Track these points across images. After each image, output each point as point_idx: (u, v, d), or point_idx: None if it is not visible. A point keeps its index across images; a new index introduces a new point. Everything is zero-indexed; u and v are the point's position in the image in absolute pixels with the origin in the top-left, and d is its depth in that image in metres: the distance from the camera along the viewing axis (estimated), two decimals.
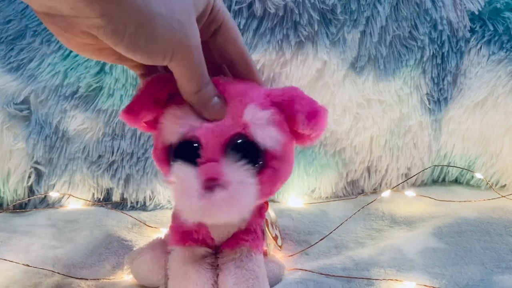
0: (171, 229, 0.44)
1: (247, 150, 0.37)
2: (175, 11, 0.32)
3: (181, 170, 0.36)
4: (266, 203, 0.46)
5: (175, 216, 0.44)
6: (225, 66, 0.42)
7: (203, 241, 0.42)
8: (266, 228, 0.46)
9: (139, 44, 0.31)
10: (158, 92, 0.38)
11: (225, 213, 0.34)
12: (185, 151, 0.37)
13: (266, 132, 0.37)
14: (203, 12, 0.35)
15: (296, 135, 0.40)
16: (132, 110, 0.38)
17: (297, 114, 0.37)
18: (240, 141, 0.37)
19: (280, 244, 0.50)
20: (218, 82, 0.39)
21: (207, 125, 0.37)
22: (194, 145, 0.37)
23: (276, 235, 0.49)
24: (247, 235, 0.42)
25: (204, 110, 0.37)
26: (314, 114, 0.38)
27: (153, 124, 0.40)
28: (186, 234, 0.42)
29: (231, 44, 0.39)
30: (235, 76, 0.41)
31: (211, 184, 0.34)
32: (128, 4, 0.29)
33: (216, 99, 0.37)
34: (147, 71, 0.40)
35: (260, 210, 0.44)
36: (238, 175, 0.35)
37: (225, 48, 0.39)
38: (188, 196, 0.34)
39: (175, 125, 0.37)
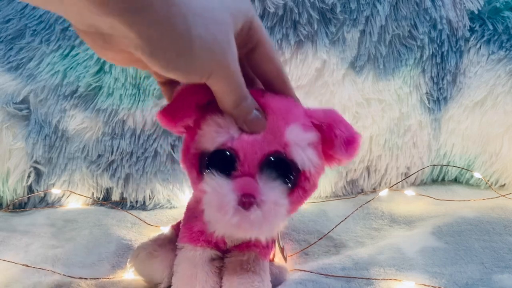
0: (183, 225, 0.43)
1: (283, 169, 0.37)
2: (214, 33, 0.32)
3: (217, 182, 0.35)
4: None
5: (189, 214, 0.43)
6: (254, 77, 0.41)
7: (215, 244, 0.42)
8: (277, 240, 0.47)
9: (177, 67, 0.31)
10: (199, 97, 0.37)
11: (256, 231, 0.34)
12: (221, 161, 0.37)
13: (306, 154, 0.37)
14: (241, 28, 0.35)
15: (326, 156, 0.39)
16: (173, 114, 0.37)
17: (336, 139, 0.38)
18: (278, 159, 0.36)
19: (286, 256, 0.50)
20: (259, 95, 0.38)
21: (246, 138, 0.36)
22: (231, 156, 0.36)
23: (283, 246, 0.49)
24: (259, 243, 0.42)
25: (243, 123, 0.36)
26: (352, 141, 0.38)
27: (188, 127, 0.39)
28: (200, 233, 0.42)
29: (268, 62, 0.39)
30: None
31: (246, 201, 0.34)
32: (168, 29, 0.29)
33: (255, 112, 0.37)
34: (169, 80, 0.39)
35: None
36: (274, 195, 0.35)
37: (261, 66, 0.39)
38: (222, 211, 0.34)
39: (215, 133, 0.36)
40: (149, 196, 0.65)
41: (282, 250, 0.49)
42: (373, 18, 0.64)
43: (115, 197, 0.65)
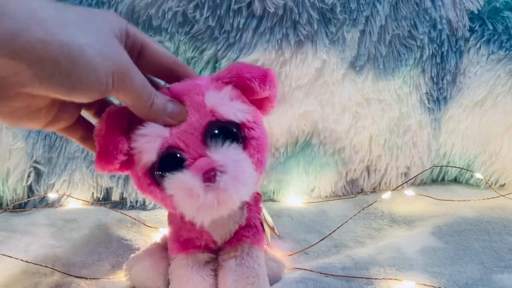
0: (170, 239, 0.43)
1: (226, 131, 0.37)
2: (101, 39, 0.31)
3: (176, 178, 0.35)
4: (259, 195, 0.46)
5: (172, 226, 0.43)
6: (156, 80, 0.42)
7: (205, 246, 0.42)
8: (264, 220, 0.46)
9: (79, 79, 0.30)
10: (119, 121, 0.38)
11: (234, 194, 0.34)
12: (169, 162, 0.37)
13: (233, 108, 0.38)
14: (120, 37, 0.35)
15: (257, 104, 0.40)
16: (109, 151, 0.37)
17: (251, 81, 0.38)
18: (215, 126, 0.37)
19: (277, 233, 0.50)
20: (165, 91, 0.39)
21: (176, 130, 0.37)
22: (174, 153, 0.37)
23: (273, 225, 0.49)
24: (248, 231, 0.42)
25: (166, 118, 0.37)
26: (265, 75, 0.39)
27: (125, 163, 0.38)
28: (187, 242, 0.42)
29: (161, 57, 0.39)
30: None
31: (210, 175, 0.34)
32: (53, 44, 0.28)
33: (170, 104, 0.37)
34: (85, 132, 0.39)
35: (256, 203, 0.44)
36: (230, 155, 0.36)
37: (156, 63, 0.39)
38: (194, 197, 0.34)
39: (147, 144, 0.37)
40: None
41: (272, 228, 0.49)
42: (373, 18, 0.64)
43: (115, 197, 0.65)
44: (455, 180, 0.75)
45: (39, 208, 0.64)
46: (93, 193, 0.65)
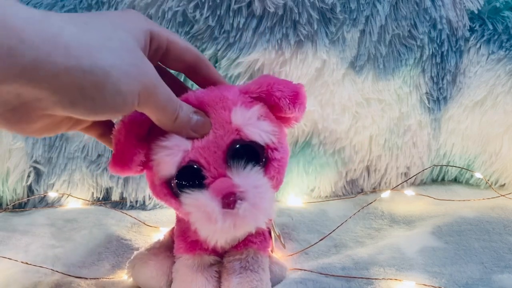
0: (177, 237, 0.43)
1: (249, 153, 0.37)
2: (124, 58, 0.30)
3: (195, 198, 0.35)
4: None
5: (181, 225, 0.43)
6: (182, 82, 0.42)
7: (213, 249, 0.42)
8: (272, 228, 0.47)
9: (104, 103, 0.30)
10: (138, 129, 0.37)
11: (252, 221, 0.34)
12: (188, 177, 0.36)
13: (260, 129, 0.37)
14: (145, 43, 0.35)
15: (281, 119, 0.40)
16: (124, 159, 0.37)
17: (280, 100, 0.38)
18: (239, 146, 0.36)
19: (283, 242, 0.50)
20: (191, 98, 0.38)
21: (199, 144, 0.36)
22: (194, 168, 0.36)
23: (279, 233, 0.49)
24: (255, 237, 0.42)
25: (189, 131, 0.36)
26: (296, 95, 0.38)
27: (144, 164, 0.38)
28: (194, 243, 0.41)
29: (186, 53, 0.38)
30: (198, 82, 0.41)
31: (229, 200, 0.34)
32: (76, 71, 0.27)
33: (195, 116, 0.37)
34: (103, 129, 0.39)
35: None
36: (250, 180, 0.35)
37: (181, 60, 0.39)
38: (212, 221, 0.33)
39: (168, 157, 0.36)
40: (149, 195, 0.65)
41: (279, 237, 0.49)
42: (373, 18, 0.64)
43: (115, 197, 0.65)
44: (455, 180, 0.75)
45: (39, 208, 0.64)
46: (93, 193, 0.65)
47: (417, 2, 0.65)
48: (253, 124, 0.37)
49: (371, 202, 0.62)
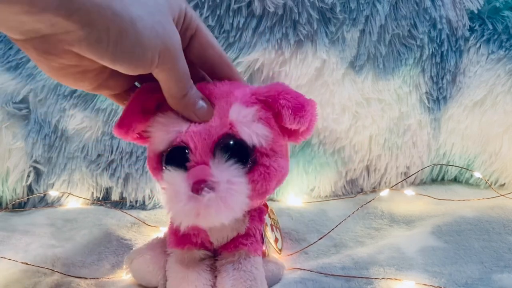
0: (169, 231, 0.44)
1: (236, 150, 0.37)
2: (155, 14, 0.32)
3: (171, 176, 0.36)
4: (266, 206, 0.46)
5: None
6: (205, 74, 0.42)
7: (201, 244, 0.42)
8: (265, 233, 0.46)
9: (125, 50, 0.31)
10: (146, 101, 0.39)
11: (215, 214, 0.34)
12: (176, 157, 0.37)
13: (252, 129, 0.37)
14: (178, 16, 0.36)
15: (287, 132, 0.40)
16: (123, 123, 0.38)
17: (283, 109, 0.37)
18: (228, 141, 0.37)
19: (280, 247, 0.50)
20: (204, 86, 0.39)
21: (194, 129, 0.37)
22: (182, 149, 0.37)
23: (276, 238, 0.49)
24: (246, 239, 0.42)
25: (192, 113, 0.37)
26: (300, 108, 0.37)
27: (142, 135, 0.40)
28: (184, 237, 0.42)
29: (210, 48, 0.39)
30: (218, 80, 0.41)
31: (199, 187, 0.34)
32: (106, 11, 0.29)
33: (201, 101, 0.38)
34: (123, 89, 0.40)
35: (260, 215, 0.44)
36: (226, 175, 0.35)
37: (204, 53, 0.39)
38: (177, 200, 0.34)
39: (162, 133, 0.38)
40: (149, 195, 0.65)
41: (275, 241, 0.49)
42: (373, 17, 0.64)
43: (115, 196, 0.65)
44: (455, 180, 0.75)
45: (39, 207, 0.64)
46: (92, 193, 0.65)
47: (417, 1, 0.65)
48: (246, 123, 0.37)
49: (370, 201, 0.62)
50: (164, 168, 0.38)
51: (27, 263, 0.48)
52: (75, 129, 0.63)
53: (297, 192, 0.68)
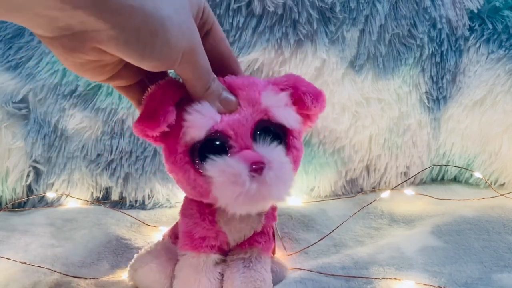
0: (183, 233, 0.42)
1: (274, 133, 0.38)
2: (181, 13, 0.32)
3: (222, 162, 0.35)
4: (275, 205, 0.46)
5: (187, 220, 0.42)
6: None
7: (219, 247, 0.42)
8: (276, 231, 0.47)
9: (153, 50, 0.31)
10: (173, 94, 0.38)
11: (276, 191, 0.35)
12: (214, 145, 0.37)
13: (287, 113, 0.38)
14: (197, 14, 0.36)
15: (301, 116, 0.41)
16: (154, 116, 0.36)
17: (305, 96, 0.39)
18: (267, 124, 0.38)
19: (285, 246, 0.50)
20: (221, 79, 0.39)
21: (229, 118, 0.37)
22: (223, 137, 0.37)
23: (282, 236, 0.50)
24: (261, 237, 0.42)
25: (217, 104, 0.38)
26: (319, 94, 0.40)
27: (164, 135, 0.38)
28: (202, 240, 0.41)
29: (222, 44, 0.40)
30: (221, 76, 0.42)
31: (258, 166, 0.34)
32: (138, 11, 0.29)
33: (224, 92, 0.38)
34: (140, 94, 0.39)
35: (273, 212, 0.44)
36: (276, 155, 0.36)
37: (216, 49, 0.40)
38: (239, 183, 0.34)
39: (201, 120, 0.37)
40: (149, 195, 0.65)
41: (281, 239, 0.49)
42: (373, 17, 0.64)
43: (115, 196, 0.65)
44: (455, 180, 0.75)
45: (38, 207, 0.64)
46: (92, 193, 0.65)
47: (416, 1, 0.65)
48: (281, 108, 0.38)
49: (371, 202, 0.62)
50: (201, 158, 0.37)
51: (26, 263, 0.48)
52: (74, 129, 0.63)
53: (297, 191, 0.68)
